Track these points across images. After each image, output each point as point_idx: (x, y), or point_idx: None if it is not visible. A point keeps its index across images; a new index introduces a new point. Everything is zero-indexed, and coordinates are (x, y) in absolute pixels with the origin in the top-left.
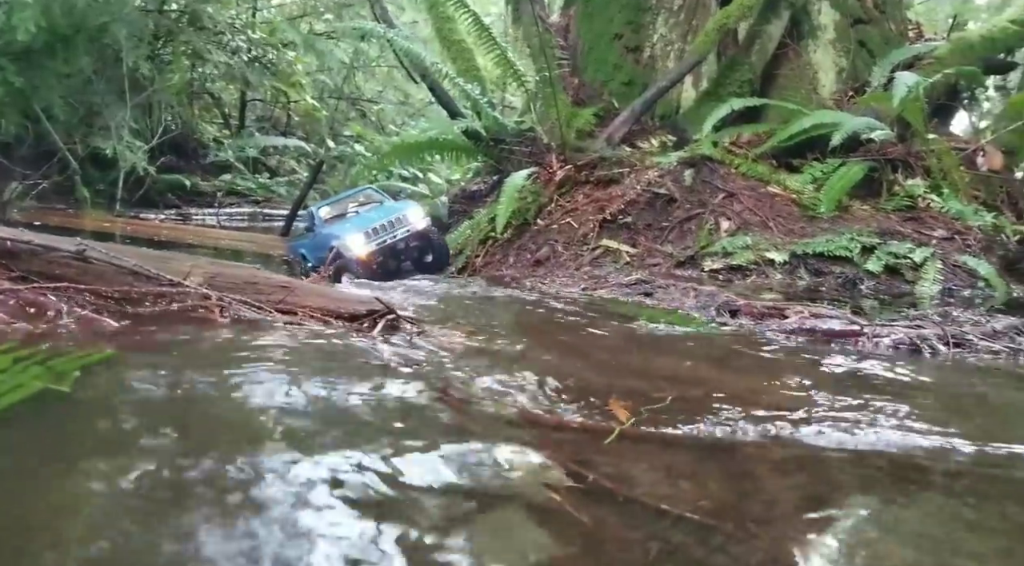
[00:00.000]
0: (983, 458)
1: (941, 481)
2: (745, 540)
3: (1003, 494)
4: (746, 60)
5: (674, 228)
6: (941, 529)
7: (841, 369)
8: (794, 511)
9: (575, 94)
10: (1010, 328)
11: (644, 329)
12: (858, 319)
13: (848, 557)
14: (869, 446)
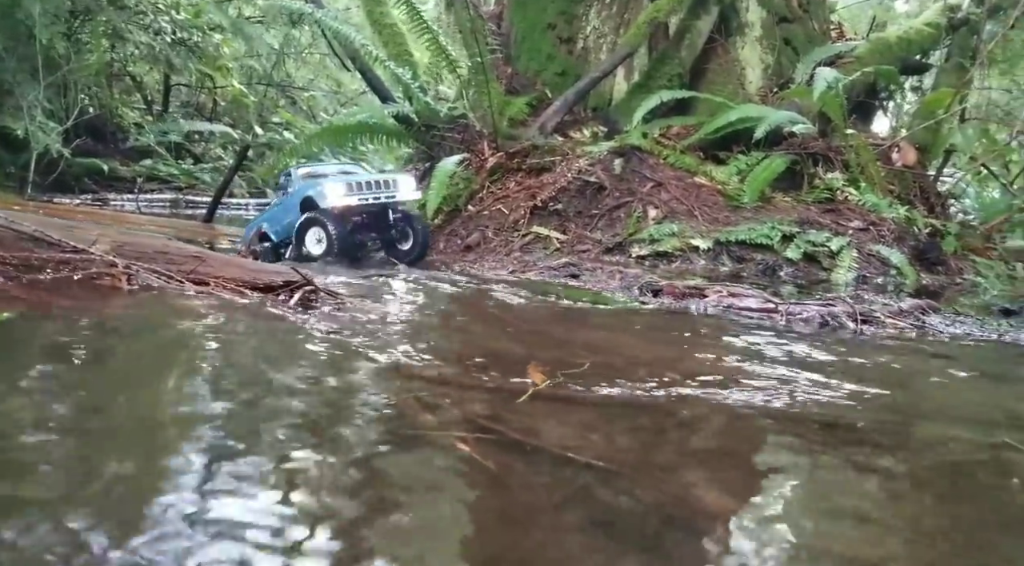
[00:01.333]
0: (875, 417)
1: (839, 435)
2: (651, 485)
3: (893, 446)
4: (676, 54)
5: (603, 216)
6: (832, 474)
7: (752, 341)
8: (700, 460)
9: (509, 83)
10: (915, 307)
11: (569, 307)
12: (773, 298)
13: (745, 495)
14: (774, 406)
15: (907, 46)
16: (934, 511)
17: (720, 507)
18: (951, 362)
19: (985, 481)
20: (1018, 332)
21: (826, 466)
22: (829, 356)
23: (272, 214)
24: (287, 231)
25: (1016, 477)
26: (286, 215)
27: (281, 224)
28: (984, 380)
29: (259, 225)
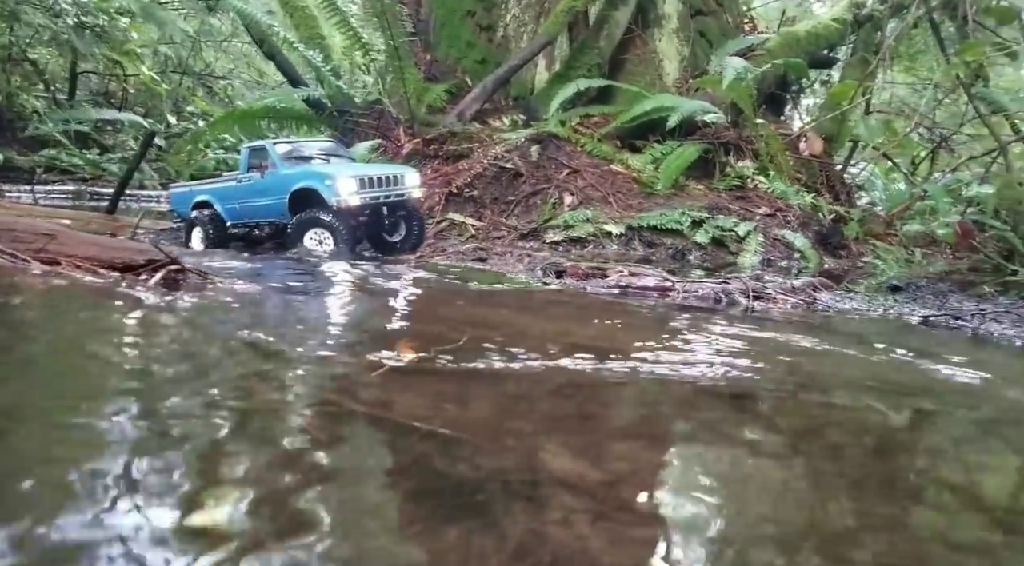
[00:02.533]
0: (748, 384)
1: (712, 402)
2: (496, 452)
3: (762, 412)
4: (595, 45)
5: (520, 202)
6: (695, 441)
7: (644, 316)
8: (558, 427)
9: (428, 69)
10: (807, 285)
11: (468, 288)
12: (671, 277)
13: (597, 462)
14: (648, 374)
15: (815, 40)
16: (787, 472)
17: (566, 473)
18: (831, 334)
19: (842, 441)
20: (901, 307)
21: (691, 433)
22: (716, 328)
23: (230, 191)
24: (254, 215)
25: (870, 436)
26: (259, 198)
27: (246, 206)
28: (860, 349)
29: (205, 196)
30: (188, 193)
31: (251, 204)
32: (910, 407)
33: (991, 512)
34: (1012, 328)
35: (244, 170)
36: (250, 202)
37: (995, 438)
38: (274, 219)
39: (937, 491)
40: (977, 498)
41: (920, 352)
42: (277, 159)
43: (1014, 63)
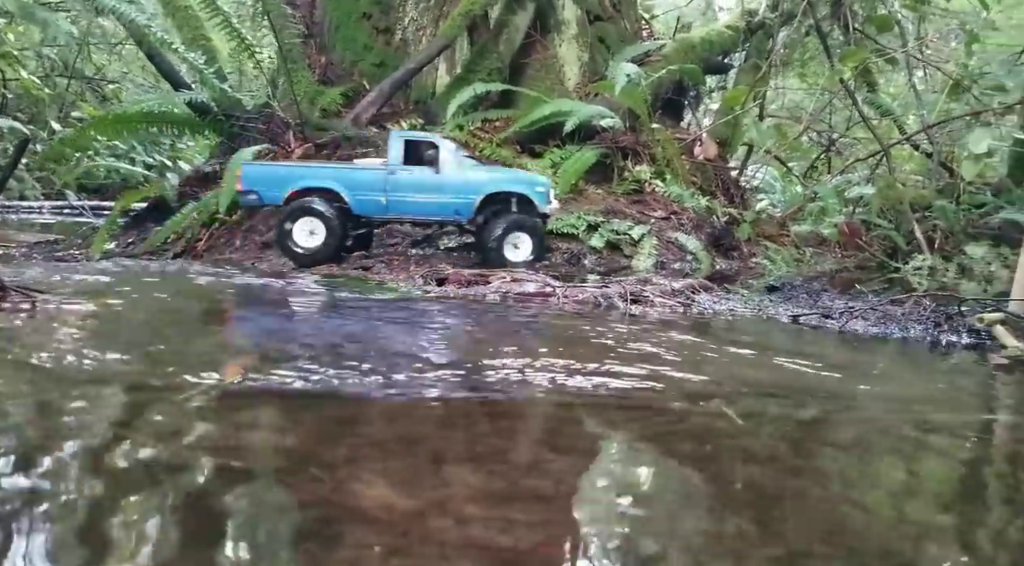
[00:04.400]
0: (602, 392)
1: (560, 414)
2: (297, 484)
3: (607, 421)
4: (495, 49)
5: None
6: (525, 456)
7: (514, 324)
8: (380, 452)
9: (323, 72)
10: (688, 287)
11: (340, 298)
12: (553, 282)
13: (410, 488)
14: (500, 388)
15: (710, 47)
16: (616, 490)
17: (373, 504)
18: (701, 334)
19: (684, 449)
20: (776, 307)
21: (524, 451)
22: (588, 333)
23: (372, 180)
24: (413, 210)
25: (711, 443)
26: (426, 194)
27: (399, 199)
28: (725, 348)
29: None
30: (285, 174)
31: (409, 199)
32: (754, 409)
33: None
34: (875, 325)
35: (399, 161)
36: (409, 196)
37: (813, 441)
38: (446, 218)
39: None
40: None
41: (780, 350)
42: (453, 156)
43: (895, 68)
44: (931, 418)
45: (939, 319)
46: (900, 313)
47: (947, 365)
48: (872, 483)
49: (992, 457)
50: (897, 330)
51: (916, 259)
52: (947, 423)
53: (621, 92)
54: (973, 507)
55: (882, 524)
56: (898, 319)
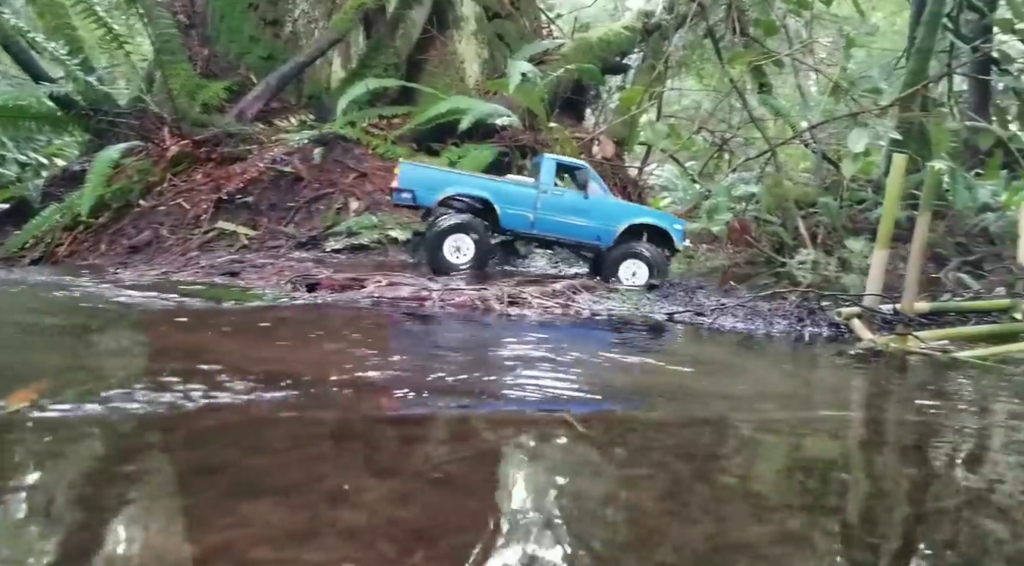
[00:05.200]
0: (458, 400)
1: (394, 430)
2: (51, 530)
3: (428, 436)
4: (391, 44)
5: (300, 208)
6: (343, 476)
7: (380, 330)
8: (163, 489)
9: (205, 65)
10: (568, 288)
11: (192, 309)
12: (431, 285)
13: (197, 532)
14: (341, 403)
15: (607, 47)
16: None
17: (142, 555)
18: (562, 335)
19: (512, 470)
20: (653, 305)
21: (346, 480)
22: (452, 337)
23: (525, 196)
24: (557, 230)
25: (545, 458)
26: (573, 216)
27: (547, 218)
28: (588, 351)
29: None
30: (441, 178)
31: (556, 219)
32: (599, 415)
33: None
34: (742, 321)
35: (549, 182)
36: (555, 216)
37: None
38: (585, 241)
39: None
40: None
41: (646, 350)
42: (601, 185)
43: (787, 71)
44: (772, 416)
45: (802, 314)
46: (768, 309)
47: (803, 359)
48: (688, 490)
49: (815, 458)
50: (763, 325)
51: (801, 254)
52: (786, 421)
53: (516, 90)
54: (788, 514)
55: (671, 537)
56: (765, 315)
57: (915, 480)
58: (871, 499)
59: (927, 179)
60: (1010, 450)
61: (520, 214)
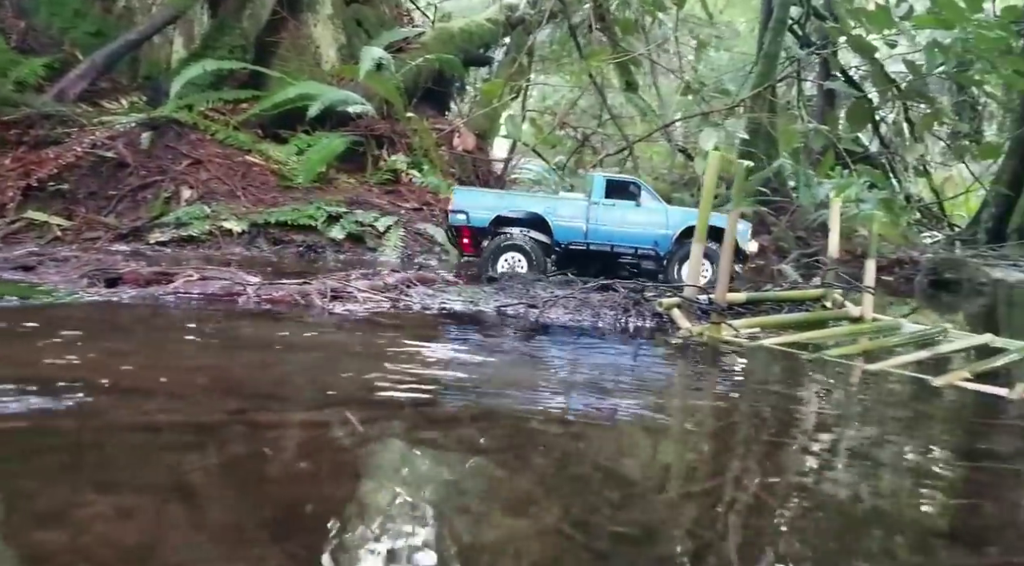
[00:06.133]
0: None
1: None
2: None
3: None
4: (237, 24)
5: (125, 197)
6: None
7: (174, 329)
8: None
9: (22, 39)
10: (402, 281)
11: None
12: (248, 279)
13: None
14: (81, 412)
15: (469, 38)
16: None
17: None
18: (389, 330)
19: (275, 470)
20: (489, 298)
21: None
22: (239, 338)
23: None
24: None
25: (314, 460)
26: (628, 226)
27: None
28: (403, 343)
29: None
30: (495, 199)
31: (611, 228)
32: (387, 413)
33: None
34: (572, 313)
35: (600, 196)
36: (610, 226)
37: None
38: (644, 246)
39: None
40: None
41: (464, 341)
42: (652, 193)
43: (651, 70)
44: (568, 407)
45: (628, 305)
46: (598, 300)
47: (621, 348)
48: (456, 487)
49: (585, 451)
50: (590, 317)
51: None
52: (579, 412)
53: (368, 77)
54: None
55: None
56: (595, 306)
57: (677, 463)
58: (620, 480)
59: (736, 178)
60: (783, 434)
61: (572, 226)
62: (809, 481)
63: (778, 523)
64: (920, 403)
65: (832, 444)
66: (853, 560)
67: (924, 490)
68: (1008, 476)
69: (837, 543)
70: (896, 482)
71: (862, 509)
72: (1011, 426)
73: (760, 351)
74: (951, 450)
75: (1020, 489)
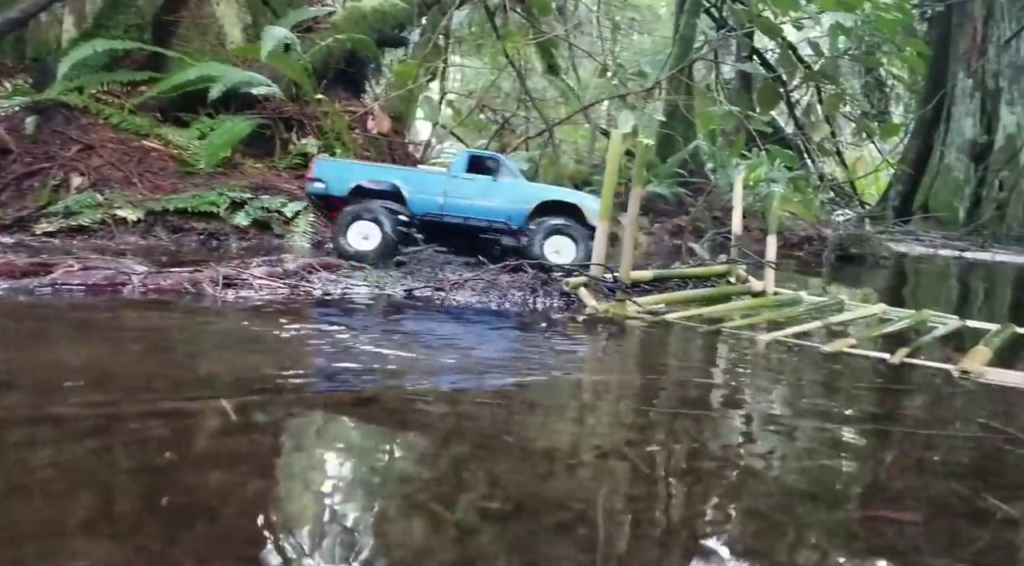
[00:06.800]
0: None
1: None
2: None
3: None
4: (133, 3)
5: (8, 186)
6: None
7: (38, 322)
8: None
9: None
10: (304, 267)
11: None
12: (135, 268)
13: None
14: None
15: (382, 18)
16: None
17: None
18: (285, 317)
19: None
20: (396, 282)
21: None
22: (136, 326)
23: (433, 181)
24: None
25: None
26: (483, 198)
27: (456, 202)
28: (296, 330)
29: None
30: (355, 168)
31: (466, 202)
32: (263, 401)
33: None
34: (479, 295)
35: (461, 170)
36: (465, 199)
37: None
38: (497, 220)
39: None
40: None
41: (359, 327)
42: (515, 170)
43: (559, 52)
44: (459, 387)
45: (536, 286)
46: (507, 281)
47: (527, 328)
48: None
49: (468, 430)
50: (498, 298)
51: None
52: (469, 392)
53: (273, 58)
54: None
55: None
56: (503, 288)
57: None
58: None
59: (636, 158)
60: (667, 404)
61: (427, 198)
62: (685, 447)
63: (651, 491)
64: (805, 369)
65: (711, 411)
66: (718, 520)
67: (793, 451)
68: (872, 435)
69: (705, 505)
70: (767, 444)
71: (732, 471)
72: (886, 389)
73: (661, 326)
74: (824, 412)
75: (883, 448)
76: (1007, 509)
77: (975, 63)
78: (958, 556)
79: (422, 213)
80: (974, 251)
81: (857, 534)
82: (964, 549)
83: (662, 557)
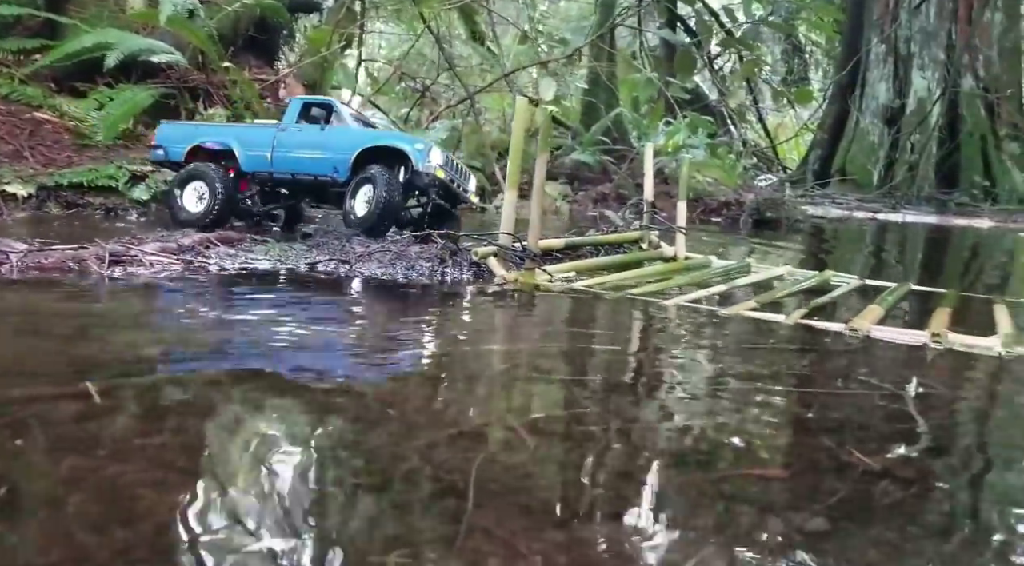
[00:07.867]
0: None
1: None
2: None
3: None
4: None
5: None
6: None
7: None
8: None
9: None
10: (202, 242)
11: None
12: (13, 246)
13: None
14: None
15: None
16: None
17: None
18: (156, 296)
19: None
20: (300, 256)
21: None
22: (9, 307)
23: (263, 136)
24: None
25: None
26: (310, 150)
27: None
28: (186, 309)
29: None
30: (192, 130)
31: (292, 154)
32: (134, 383)
33: None
34: (384, 267)
35: (292, 121)
36: (294, 153)
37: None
38: (323, 173)
39: None
40: None
41: (251, 302)
42: (347, 116)
43: (480, 18)
44: (349, 363)
45: (445, 256)
46: (415, 252)
47: (433, 299)
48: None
49: (348, 407)
50: (405, 269)
51: (499, 199)
52: (359, 368)
53: (174, 23)
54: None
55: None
56: (411, 258)
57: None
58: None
59: (541, 124)
60: (560, 372)
61: (259, 155)
62: (565, 414)
63: (528, 459)
64: (703, 332)
65: (600, 375)
66: (588, 486)
67: (673, 413)
68: (754, 395)
69: (578, 472)
70: (650, 409)
71: (609, 435)
72: (777, 349)
73: (570, 294)
74: (712, 376)
75: (763, 408)
76: (868, 462)
77: (888, 28)
78: (814, 510)
79: (252, 170)
80: (886, 212)
81: (722, 493)
82: (821, 502)
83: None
